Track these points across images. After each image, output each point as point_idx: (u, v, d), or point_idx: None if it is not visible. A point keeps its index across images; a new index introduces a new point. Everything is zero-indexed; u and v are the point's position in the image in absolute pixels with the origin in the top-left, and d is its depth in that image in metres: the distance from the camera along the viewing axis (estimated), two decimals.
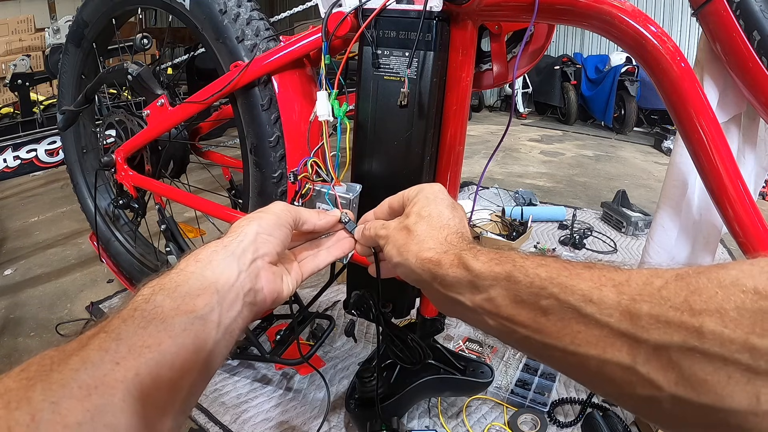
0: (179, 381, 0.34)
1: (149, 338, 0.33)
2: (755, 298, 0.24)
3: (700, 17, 0.82)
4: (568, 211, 2.60)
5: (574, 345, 0.31)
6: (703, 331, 0.25)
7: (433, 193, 0.49)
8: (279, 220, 0.48)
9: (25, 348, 1.55)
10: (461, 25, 0.79)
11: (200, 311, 0.37)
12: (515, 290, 0.35)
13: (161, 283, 0.39)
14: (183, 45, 5.62)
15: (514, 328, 0.35)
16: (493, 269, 0.37)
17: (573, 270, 0.33)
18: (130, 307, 0.36)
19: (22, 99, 2.94)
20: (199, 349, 0.36)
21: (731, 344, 0.24)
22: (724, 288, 0.26)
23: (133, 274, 1.59)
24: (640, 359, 0.28)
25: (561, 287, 0.32)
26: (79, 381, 0.29)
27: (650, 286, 0.29)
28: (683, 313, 0.26)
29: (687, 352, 0.25)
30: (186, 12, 1.07)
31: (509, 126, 0.89)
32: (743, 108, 0.89)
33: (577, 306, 0.31)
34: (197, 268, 0.41)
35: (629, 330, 0.28)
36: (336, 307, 1.70)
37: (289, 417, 1.23)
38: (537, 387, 1.29)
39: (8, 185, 3.00)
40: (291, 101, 1.00)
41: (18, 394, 0.27)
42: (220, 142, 3.15)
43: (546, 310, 0.33)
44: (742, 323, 0.24)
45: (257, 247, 0.45)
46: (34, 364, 0.30)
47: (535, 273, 0.34)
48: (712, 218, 0.93)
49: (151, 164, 1.33)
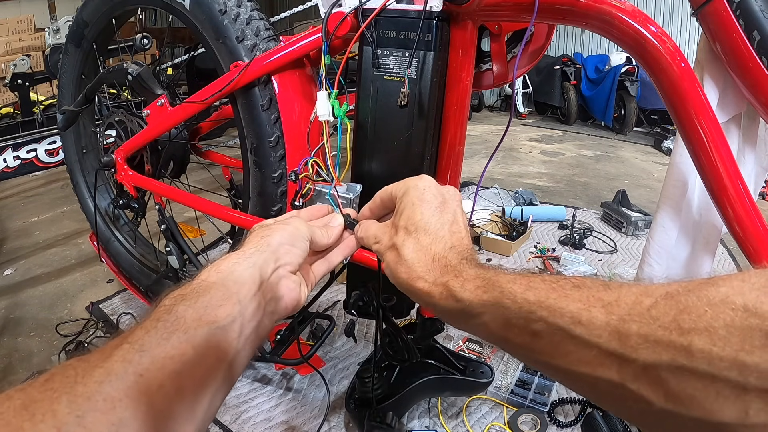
0: (201, 391, 0.35)
1: (172, 349, 0.34)
2: (744, 316, 0.24)
3: (700, 17, 0.82)
4: (568, 211, 2.60)
5: (566, 364, 0.31)
6: (691, 350, 0.25)
7: (418, 194, 0.46)
8: (300, 233, 0.48)
9: (25, 348, 1.55)
10: (461, 25, 0.79)
11: (222, 321, 0.37)
12: (505, 315, 0.35)
13: (182, 294, 0.39)
14: (183, 45, 5.61)
15: (508, 347, 0.36)
16: (481, 297, 0.37)
17: (561, 291, 0.33)
18: (153, 317, 0.36)
19: (22, 99, 2.94)
20: (220, 359, 0.37)
21: (720, 362, 0.24)
22: (713, 306, 0.26)
23: (133, 274, 1.59)
24: (629, 377, 0.28)
25: (549, 310, 0.32)
26: (104, 394, 0.29)
27: (639, 306, 0.29)
28: (672, 332, 0.26)
29: (676, 370, 0.26)
30: (186, 12, 1.07)
31: (509, 126, 0.89)
32: (743, 108, 0.89)
33: (567, 328, 0.31)
34: (218, 278, 0.41)
35: (618, 350, 0.28)
36: (336, 307, 1.70)
37: (289, 417, 1.23)
38: (537, 387, 1.29)
39: (8, 185, 3.00)
40: (291, 101, 1.00)
41: (43, 407, 0.27)
42: (220, 142, 3.15)
43: (536, 333, 0.33)
44: (731, 341, 0.24)
45: (279, 257, 0.45)
46: (58, 374, 0.30)
47: (523, 298, 0.34)
48: (712, 218, 0.93)
49: (151, 164, 1.33)
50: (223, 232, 1.59)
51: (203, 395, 0.35)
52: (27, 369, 1.45)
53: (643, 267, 1.02)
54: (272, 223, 0.50)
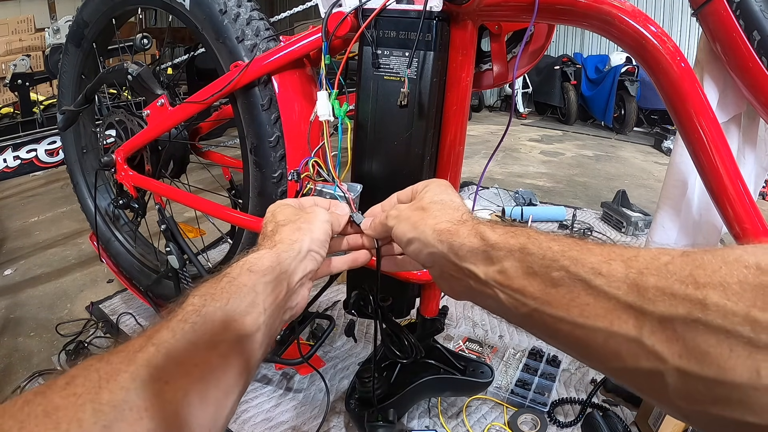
0: (224, 399, 0.35)
1: (198, 356, 0.33)
2: (757, 273, 0.25)
3: (700, 17, 0.82)
4: (568, 211, 2.60)
5: (582, 317, 0.31)
6: (706, 303, 0.26)
7: (442, 185, 0.50)
8: (326, 236, 0.49)
9: (25, 348, 1.55)
10: (461, 25, 0.79)
11: (248, 329, 0.37)
12: (528, 262, 0.36)
13: (212, 293, 0.38)
14: (183, 45, 5.61)
15: (524, 300, 0.36)
16: (508, 241, 0.38)
17: (584, 245, 0.34)
18: (180, 317, 0.35)
19: (22, 99, 2.94)
20: (243, 368, 0.37)
21: (733, 317, 0.25)
22: (727, 263, 0.26)
23: (133, 274, 1.59)
24: (646, 331, 0.28)
25: (572, 260, 0.33)
26: (130, 403, 0.28)
27: (657, 261, 0.30)
28: (688, 286, 0.27)
29: (691, 324, 0.26)
30: (186, 12, 1.07)
31: (509, 126, 0.89)
32: (743, 108, 0.89)
33: (587, 278, 0.32)
34: (249, 280, 0.40)
35: (636, 302, 0.29)
36: (336, 307, 1.70)
37: (289, 417, 1.23)
38: (537, 387, 1.29)
39: (8, 185, 3.00)
40: (291, 101, 1.00)
41: (68, 415, 0.26)
42: (220, 142, 3.15)
43: (556, 282, 0.34)
44: (744, 297, 0.25)
45: (306, 266, 0.46)
46: (80, 377, 0.29)
47: (548, 246, 0.36)
48: (712, 218, 0.93)
49: (151, 164, 1.33)
50: (223, 232, 1.59)
51: (225, 402, 0.35)
52: (27, 369, 1.45)
53: None
54: (298, 209, 0.51)
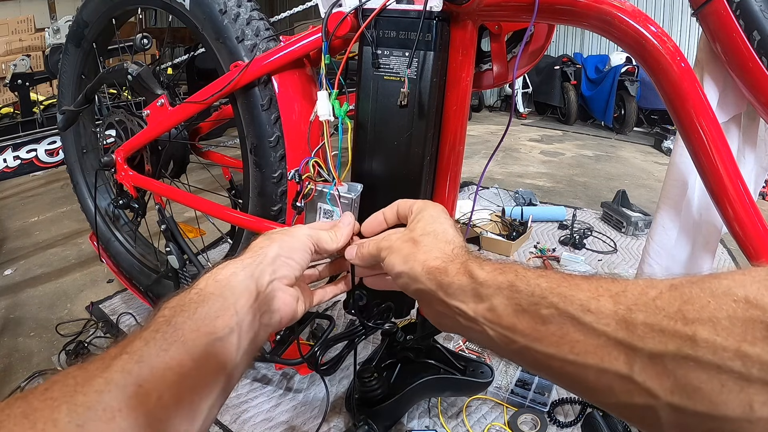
0: (199, 401, 0.35)
1: (171, 360, 0.34)
2: (746, 307, 0.25)
3: (700, 17, 0.82)
4: (568, 211, 2.60)
5: (573, 354, 0.32)
6: (696, 339, 0.26)
7: (437, 212, 0.49)
8: (301, 245, 0.49)
9: (25, 348, 1.55)
10: (461, 25, 0.79)
11: (220, 332, 0.38)
12: (517, 299, 0.36)
13: (181, 304, 0.39)
14: (183, 45, 5.62)
15: (513, 337, 0.36)
16: (496, 278, 0.38)
17: (572, 281, 0.34)
18: (152, 328, 0.36)
19: (22, 99, 2.94)
20: (219, 370, 0.37)
21: (724, 352, 0.25)
22: (716, 297, 0.26)
23: (133, 274, 1.59)
24: (637, 368, 0.28)
25: (560, 297, 0.33)
26: (104, 404, 0.30)
27: (645, 296, 0.29)
28: (677, 322, 0.27)
29: (681, 360, 0.26)
30: (186, 12, 1.07)
31: (509, 126, 0.90)
32: (743, 108, 0.89)
33: (576, 315, 0.32)
34: (216, 288, 0.41)
35: (626, 339, 0.29)
36: (336, 307, 1.70)
37: (289, 417, 1.23)
38: (537, 387, 1.29)
39: (8, 185, 3.00)
40: (291, 101, 1.00)
41: (44, 415, 0.28)
42: (220, 142, 3.15)
43: (546, 319, 0.33)
44: (734, 332, 0.25)
45: (275, 269, 0.46)
46: (58, 383, 0.30)
47: (536, 283, 0.35)
48: (712, 218, 0.93)
49: (151, 164, 1.32)
50: (223, 232, 1.59)
51: (201, 405, 0.35)
52: (27, 369, 1.45)
53: (643, 267, 1.02)
54: (276, 232, 0.50)
